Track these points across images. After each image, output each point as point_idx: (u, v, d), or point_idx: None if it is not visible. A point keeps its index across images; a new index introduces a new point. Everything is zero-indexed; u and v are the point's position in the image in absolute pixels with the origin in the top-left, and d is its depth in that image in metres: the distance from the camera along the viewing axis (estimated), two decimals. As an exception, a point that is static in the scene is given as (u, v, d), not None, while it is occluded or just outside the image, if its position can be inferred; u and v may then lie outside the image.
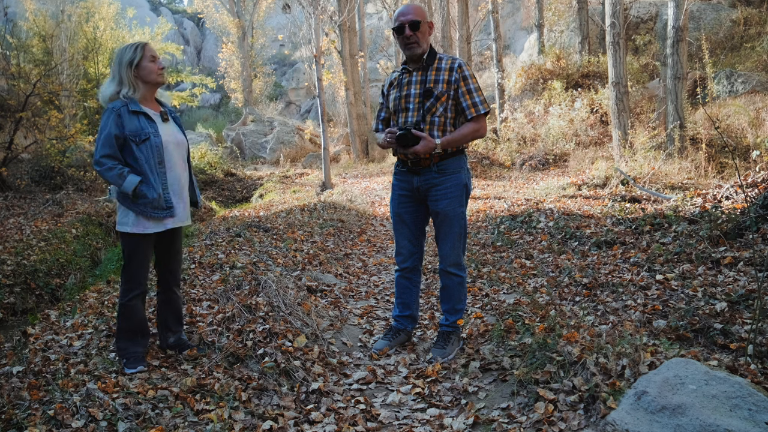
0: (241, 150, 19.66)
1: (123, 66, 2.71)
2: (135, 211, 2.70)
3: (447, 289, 3.10)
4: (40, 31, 13.76)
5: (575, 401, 2.29)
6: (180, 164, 2.83)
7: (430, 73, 2.94)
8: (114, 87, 2.72)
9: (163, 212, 2.73)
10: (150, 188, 2.69)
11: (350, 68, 16.49)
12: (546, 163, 11.34)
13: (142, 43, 2.78)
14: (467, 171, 3.04)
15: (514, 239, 5.82)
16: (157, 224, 2.75)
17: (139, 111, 2.71)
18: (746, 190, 5.48)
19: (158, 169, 2.72)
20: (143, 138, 2.68)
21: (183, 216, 2.86)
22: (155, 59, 2.77)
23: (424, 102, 2.91)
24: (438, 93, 2.90)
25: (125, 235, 2.75)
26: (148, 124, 2.72)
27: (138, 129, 2.68)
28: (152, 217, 2.72)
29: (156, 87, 2.83)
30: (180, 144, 2.85)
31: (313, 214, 7.93)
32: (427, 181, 2.97)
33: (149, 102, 2.81)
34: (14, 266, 5.69)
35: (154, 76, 2.76)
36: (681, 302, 3.39)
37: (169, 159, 2.77)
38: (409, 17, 2.88)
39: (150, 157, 2.70)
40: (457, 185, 2.96)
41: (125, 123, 2.67)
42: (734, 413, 1.91)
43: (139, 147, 2.68)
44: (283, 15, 31.57)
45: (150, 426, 2.25)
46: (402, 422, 2.47)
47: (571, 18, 15.56)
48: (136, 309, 2.82)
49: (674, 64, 8.69)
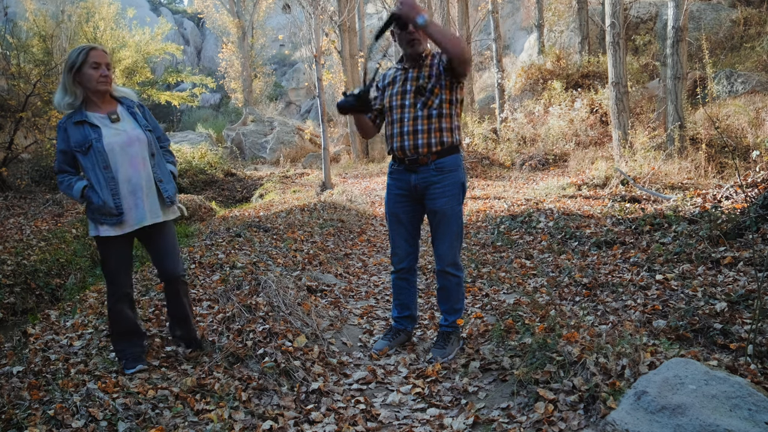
0: (241, 150, 19.66)
1: (65, 71, 2.63)
2: (90, 218, 2.69)
3: (445, 290, 3.09)
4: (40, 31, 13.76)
5: (575, 401, 2.29)
6: (134, 163, 2.69)
7: (424, 69, 2.94)
8: (60, 95, 2.66)
9: (113, 219, 2.65)
10: (95, 194, 2.63)
11: (350, 68, 16.49)
12: (546, 163, 11.34)
13: (88, 48, 2.65)
14: (463, 169, 3.03)
15: (514, 239, 5.82)
16: (115, 228, 2.68)
17: (82, 120, 2.65)
18: (746, 190, 5.48)
19: (104, 174, 2.64)
20: (86, 147, 2.63)
21: (144, 216, 2.72)
22: (99, 65, 2.64)
23: (420, 97, 2.92)
24: (431, 86, 2.90)
25: (96, 239, 2.75)
26: (91, 131, 2.64)
27: (82, 139, 2.63)
28: (104, 223, 2.66)
29: (101, 94, 2.70)
30: (132, 142, 2.70)
31: (313, 214, 7.93)
32: (425, 179, 2.96)
33: (99, 106, 2.71)
34: (14, 266, 5.69)
35: (94, 83, 2.64)
36: (681, 302, 3.39)
37: (116, 161, 2.65)
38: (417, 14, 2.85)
39: (95, 163, 2.64)
40: (455, 183, 2.95)
41: (70, 136, 2.64)
42: (734, 413, 1.91)
43: (85, 156, 2.64)
44: (283, 15, 31.56)
45: (150, 426, 2.25)
46: (402, 422, 2.47)
47: (571, 18, 15.56)
48: (122, 312, 2.79)
49: (674, 64, 8.69)
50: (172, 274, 2.90)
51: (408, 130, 2.93)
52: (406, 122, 2.94)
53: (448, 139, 2.94)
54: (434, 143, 2.92)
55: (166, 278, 2.92)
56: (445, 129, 2.94)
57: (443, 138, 2.93)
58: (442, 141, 2.93)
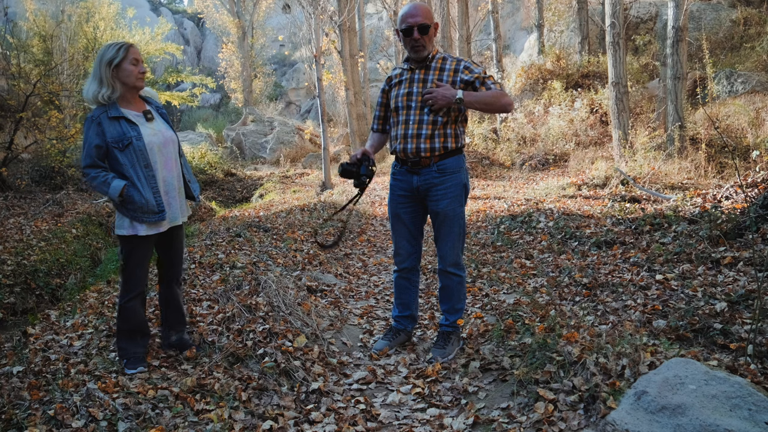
0: (241, 150, 19.65)
1: (103, 65, 2.65)
2: (128, 216, 2.68)
3: (446, 289, 3.09)
4: (40, 31, 13.76)
5: (575, 401, 2.29)
6: (168, 163, 2.78)
7: (433, 72, 2.92)
8: (95, 87, 2.67)
9: (155, 216, 2.70)
10: (137, 192, 2.65)
11: (350, 68, 16.48)
12: (546, 163, 11.34)
13: (127, 44, 2.71)
14: (466, 171, 3.03)
15: (514, 239, 5.82)
16: (150, 227, 2.72)
17: (119, 116, 2.66)
18: (746, 190, 5.48)
19: (145, 172, 2.68)
20: (126, 143, 2.64)
21: (177, 215, 2.82)
22: (138, 62, 2.70)
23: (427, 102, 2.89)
24: None
25: (122, 238, 2.74)
26: (129, 127, 2.66)
27: (120, 135, 2.64)
28: (145, 221, 2.69)
29: (136, 90, 2.76)
30: (167, 142, 2.78)
31: (313, 214, 7.93)
32: (427, 181, 2.95)
33: (131, 103, 2.75)
34: (14, 266, 5.69)
35: (133, 79, 2.69)
36: (681, 302, 3.39)
37: (156, 161, 2.71)
38: (418, 20, 2.83)
39: (135, 161, 2.66)
40: (457, 185, 2.95)
41: (106, 130, 2.63)
42: (734, 413, 1.91)
43: (123, 153, 2.64)
44: (283, 15, 31.57)
45: (150, 426, 2.25)
46: (402, 422, 2.47)
47: (571, 18, 15.56)
48: (134, 310, 2.81)
49: (674, 64, 8.69)
50: (176, 276, 2.97)
51: (412, 133, 2.92)
52: (410, 125, 2.93)
53: (452, 144, 2.93)
54: (437, 148, 2.91)
55: (169, 280, 2.95)
56: (450, 135, 2.92)
57: (447, 144, 2.92)
58: (445, 146, 2.92)
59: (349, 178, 2.98)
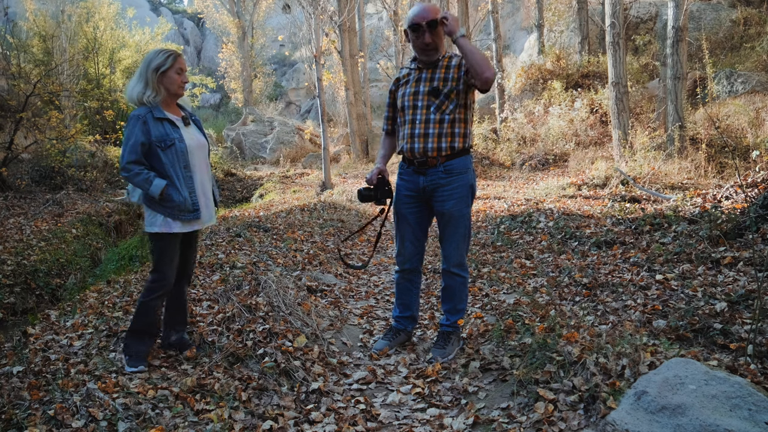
0: (241, 150, 19.65)
1: (150, 69, 2.75)
2: (163, 213, 2.76)
3: (449, 290, 3.09)
4: (41, 31, 13.77)
5: (575, 401, 2.29)
6: (203, 166, 2.89)
7: (439, 71, 2.91)
8: (140, 88, 2.76)
9: (190, 215, 2.79)
10: (176, 192, 2.74)
11: (350, 68, 16.48)
12: (546, 163, 11.34)
13: (176, 54, 2.81)
14: (473, 171, 3.01)
15: (514, 239, 5.82)
16: (185, 225, 2.81)
17: (163, 117, 2.76)
18: (746, 190, 5.48)
19: (184, 173, 2.78)
20: (168, 144, 2.74)
21: (208, 216, 2.92)
22: (182, 72, 2.81)
23: (433, 100, 2.88)
24: (447, 90, 2.86)
25: (154, 236, 2.80)
26: (172, 129, 2.77)
27: (163, 135, 2.73)
28: (179, 219, 2.78)
29: (176, 97, 2.87)
30: (202, 146, 2.90)
31: (313, 214, 7.93)
32: (433, 181, 2.94)
33: (171, 108, 2.85)
34: (14, 266, 5.69)
35: (176, 87, 2.80)
36: (681, 302, 3.39)
37: (194, 163, 2.83)
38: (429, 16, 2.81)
39: (175, 161, 2.76)
40: (463, 186, 2.94)
41: (151, 129, 2.72)
42: (734, 413, 1.91)
43: (165, 152, 2.74)
44: (283, 15, 31.57)
45: (150, 426, 2.25)
46: (402, 422, 2.47)
47: (571, 18, 15.56)
48: (154, 308, 2.87)
49: (674, 64, 8.69)
50: (188, 275, 3.06)
51: (419, 132, 2.91)
52: (417, 124, 2.92)
53: (459, 144, 2.91)
54: (444, 148, 2.89)
55: (181, 278, 3.00)
56: (458, 134, 2.91)
57: (454, 143, 2.90)
58: (452, 146, 2.90)
59: (368, 202, 3.06)
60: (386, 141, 3.23)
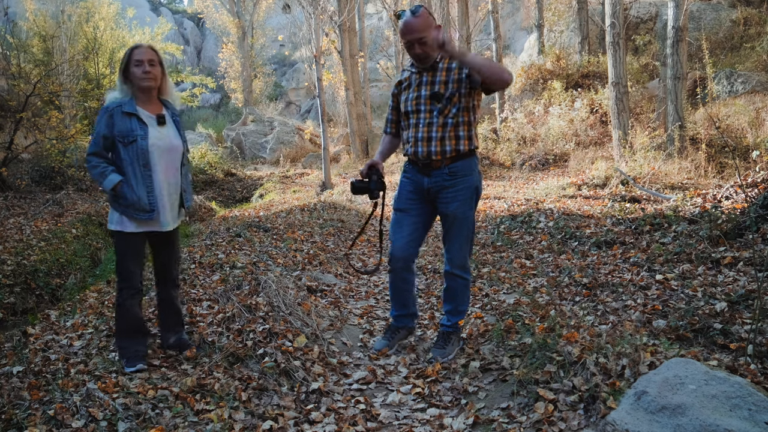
0: (241, 150, 19.65)
1: (119, 71, 2.76)
2: (118, 211, 2.73)
3: (451, 291, 3.08)
4: (41, 31, 13.76)
5: (575, 401, 2.29)
6: (168, 169, 2.79)
7: (440, 73, 2.87)
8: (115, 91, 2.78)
9: (146, 215, 2.72)
10: (130, 190, 2.69)
11: (350, 68, 16.48)
12: (546, 163, 11.34)
13: (131, 48, 2.75)
14: (478, 173, 2.97)
15: (514, 239, 5.82)
16: (140, 225, 2.75)
17: (132, 113, 2.71)
18: (746, 190, 5.48)
19: (143, 171, 2.71)
20: (130, 140, 2.69)
21: (167, 221, 2.81)
22: (141, 63, 2.72)
23: (436, 104, 2.85)
24: (449, 94, 2.83)
25: (113, 233, 2.79)
26: (138, 126, 2.71)
27: (127, 130, 2.69)
28: (134, 218, 2.72)
29: (146, 91, 2.77)
30: (172, 149, 2.81)
31: (313, 214, 7.93)
32: (437, 183, 2.92)
33: (147, 104, 2.79)
34: (14, 266, 5.69)
35: (137, 80, 2.73)
36: (681, 302, 3.39)
37: (156, 162, 2.74)
38: (415, 35, 2.77)
39: (135, 159, 2.70)
40: (468, 188, 2.91)
41: (116, 123, 2.69)
42: (734, 413, 1.91)
43: (126, 148, 2.69)
44: (283, 15, 31.56)
45: (150, 426, 2.25)
46: (402, 422, 2.47)
47: (571, 18, 15.56)
48: (130, 309, 2.82)
49: (674, 64, 8.69)
50: (171, 278, 2.98)
51: (423, 136, 2.89)
52: (420, 128, 2.90)
53: (464, 147, 2.88)
54: (449, 151, 2.87)
55: (164, 281, 2.97)
56: (462, 137, 2.87)
57: (459, 146, 2.87)
58: (457, 149, 2.87)
59: (361, 194, 3.02)
60: (386, 140, 3.22)
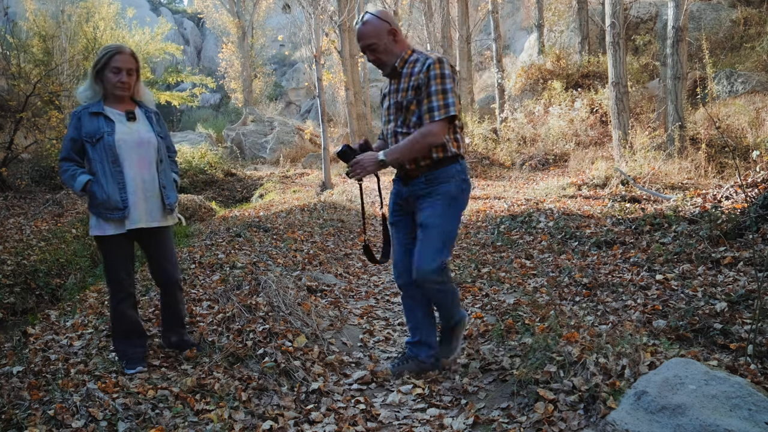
0: (241, 150, 19.65)
1: (91, 67, 2.74)
2: (93, 213, 2.70)
3: (432, 301, 2.87)
4: (41, 31, 13.76)
5: (575, 401, 2.29)
6: (141, 165, 2.74)
7: (403, 80, 2.72)
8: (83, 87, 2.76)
9: (118, 213, 2.67)
10: (100, 188, 2.66)
11: (350, 68, 16.48)
12: (546, 163, 11.34)
13: (114, 51, 2.70)
14: (461, 180, 2.71)
15: (514, 239, 5.82)
16: (117, 226, 2.70)
17: (99, 112, 2.70)
18: (746, 190, 5.48)
19: (112, 168, 2.68)
20: (97, 138, 2.67)
21: (145, 217, 2.75)
22: (119, 71, 2.69)
23: (399, 114, 2.74)
24: (406, 103, 2.69)
25: (95, 239, 2.77)
26: (105, 123, 2.70)
27: (94, 130, 2.68)
28: (109, 219, 2.68)
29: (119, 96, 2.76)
30: (142, 143, 2.76)
31: (313, 214, 7.93)
32: (414, 192, 2.76)
33: (117, 103, 2.77)
34: (14, 266, 5.69)
35: (111, 87, 2.72)
36: (681, 302, 3.39)
37: (125, 157, 2.70)
38: (365, 42, 2.68)
39: (104, 156, 2.68)
40: (443, 195, 2.67)
41: (84, 125, 2.68)
42: (734, 413, 1.91)
43: (94, 147, 2.68)
44: (283, 15, 31.56)
45: (150, 426, 2.25)
46: (402, 422, 2.47)
47: (571, 18, 15.56)
48: (124, 312, 2.80)
49: (674, 64, 8.69)
50: (168, 280, 2.93)
51: None
52: (389, 139, 2.79)
53: (438, 154, 2.66)
54: (420, 159, 2.69)
55: (163, 283, 2.94)
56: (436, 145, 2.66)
57: (432, 154, 2.67)
58: (431, 157, 2.68)
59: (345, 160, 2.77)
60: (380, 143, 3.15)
